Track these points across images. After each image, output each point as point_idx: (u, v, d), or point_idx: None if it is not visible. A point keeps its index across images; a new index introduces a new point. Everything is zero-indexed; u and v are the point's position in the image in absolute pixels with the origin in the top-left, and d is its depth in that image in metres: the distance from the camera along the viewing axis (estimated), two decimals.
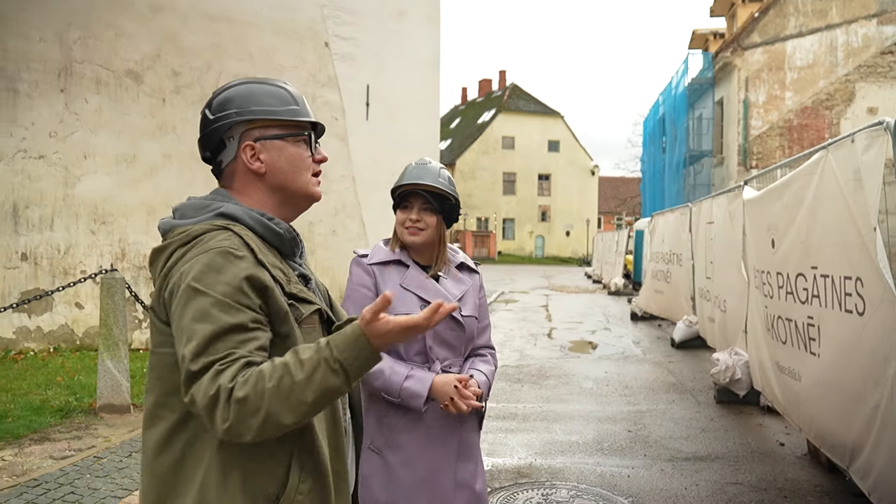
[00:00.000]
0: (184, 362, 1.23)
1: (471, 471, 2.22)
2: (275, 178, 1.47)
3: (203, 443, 1.32)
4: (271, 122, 1.46)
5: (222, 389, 1.19)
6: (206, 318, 1.25)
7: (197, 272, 1.29)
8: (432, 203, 2.21)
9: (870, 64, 18.69)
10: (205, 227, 1.39)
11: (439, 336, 2.19)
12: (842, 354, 3.67)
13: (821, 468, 4.60)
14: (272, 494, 1.32)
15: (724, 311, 7.37)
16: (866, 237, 3.30)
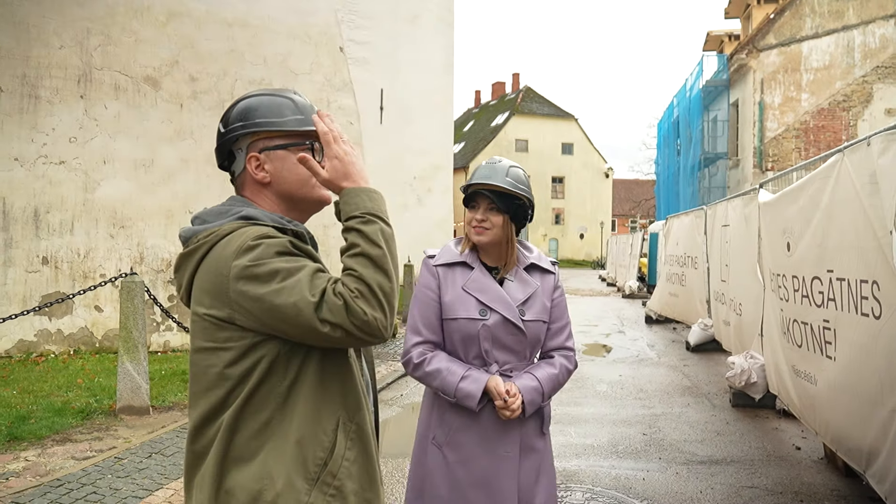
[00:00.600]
0: (301, 304, 1.30)
1: (534, 477, 2.19)
2: (279, 186, 1.54)
3: (264, 419, 1.38)
4: (274, 133, 1.52)
5: (346, 294, 1.31)
6: (291, 272, 1.34)
7: (254, 257, 1.35)
8: (497, 203, 2.22)
9: (887, 65, 18.50)
10: (232, 226, 1.45)
11: (498, 340, 2.18)
12: (858, 358, 3.66)
13: (837, 472, 4.58)
14: (321, 459, 1.39)
15: (739, 315, 7.35)
16: (882, 241, 3.29)
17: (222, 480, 1.39)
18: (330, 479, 1.39)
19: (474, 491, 2.13)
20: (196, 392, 1.46)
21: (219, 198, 6.87)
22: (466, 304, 2.19)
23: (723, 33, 25.28)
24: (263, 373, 1.39)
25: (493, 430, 2.15)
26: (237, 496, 1.37)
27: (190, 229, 1.53)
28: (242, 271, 1.35)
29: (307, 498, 1.36)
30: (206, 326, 1.42)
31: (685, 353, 9.76)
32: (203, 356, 1.44)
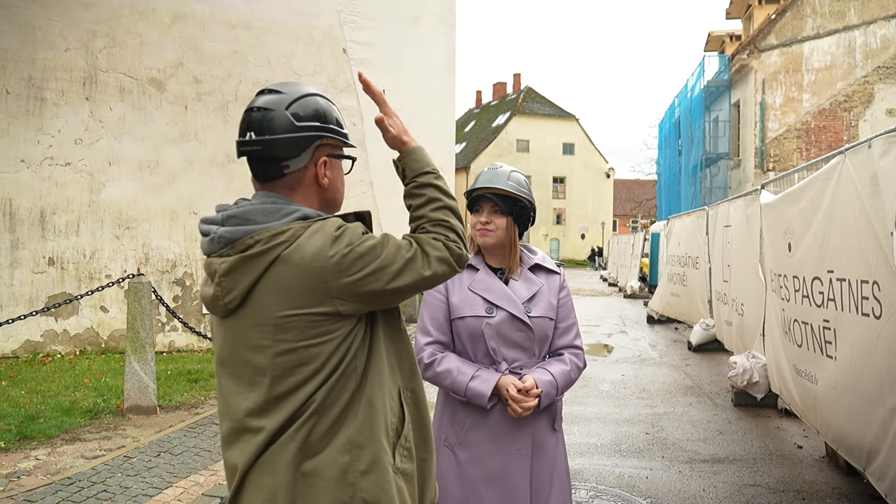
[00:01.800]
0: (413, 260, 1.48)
1: (547, 475, 2.23)
2: (331, 192, 1.58)
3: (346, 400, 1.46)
4: (339, 142, 1.58)
5: (441, 240, 1.53)
6: (384, 243, 1.46)
7: (347, 242, 1.42)
8: (500, 205, 2.28)
9: (889, 65, 18.53)
10: (300, 225, 1.44)
11: (506, 338, 2.23)
12: (858, 357, 3.70)
13: (839, 471, 4.63)
14: (394, 425, 1.53)
15: (741, 315, 7.39)
16: (883, 242, 3.34)
17: (300, 465, 1.42)
18: (404, 442, 1.52)
19: (486, 488, 2.17)
20: (277, 396, 1.43)
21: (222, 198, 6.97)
22: (473, 304, 2.24)
23: (724, 34, 25.31)
24: (352, 357, 1.46)
25: (504, 428, 2.19)
26: (323, 474, 1.42)
27: (237, 230, 1.45)
28: (343, 259, 1.39)
29: (392, 460, 1.48)
30: (301, 326, 1.41)
31: (687, 352, 9.80)
32: (292, 357, 1.42)
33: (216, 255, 1.49)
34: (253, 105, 1.52)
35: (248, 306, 1.45)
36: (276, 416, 1.43)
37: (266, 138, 1.49)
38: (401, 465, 1.50)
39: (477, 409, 2.19)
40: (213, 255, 1.50)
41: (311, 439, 1.42)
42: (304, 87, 1.56)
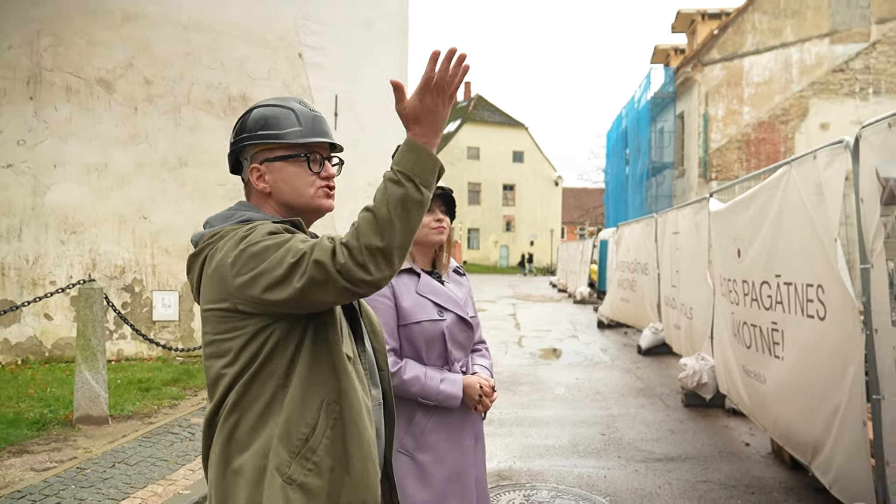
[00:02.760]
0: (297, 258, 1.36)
1: (482, 458, 2.40)
2: (279, 196, 1.63)
3: (266, 399, 1.49)
4: (275, 145, 1.61)
5: (335, 242, 1.36)
6: (284, 242, 1.42)
7: (248, 241, 1.44)
8: (447, 205, 2.39)
9: (822, 81, 19.44)
10: (232, 228, 1.56)
11: (456, 339, 2.32)
12: (804, 357, 3.90)
13: (784, 466, 4.84)
14: (303, 434, 1.48)
15: (690, 318, 7.65)
16: (828, 247, 3.54)
17: (229, 461, 1.49)
18: (309, 454, 1.47)
19: (450, 485, 2.24)
20: (209, 384, 1.57)
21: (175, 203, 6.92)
22: (425, 308, 2.29)
23: (669, 47, 26.10)
24: (266, 356, 1.48)
25: (456, 426, 2.30)
26: (245, 473, 1.47)
27: (199, 233, 1.62)
28: (238, 257, 1.43)
29: (288, 469, 1.45)
30: (213, 320, 1.52)
31: (637, 356, 10.06)
32: (212, 349, 1.54)
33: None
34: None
35: (200, 300, 1.60)
36: (210, 403, 1.55)
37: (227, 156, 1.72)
38: (298, 478, 1.44)
39: (437, 411, 2.25)
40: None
41: (236, 435, 1.49)
42: (262, 102, 1.68)
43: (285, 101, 1.65)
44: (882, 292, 2.95)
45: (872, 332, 3.09)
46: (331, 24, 13.71)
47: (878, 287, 3.01)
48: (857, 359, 3.29)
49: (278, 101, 1.66)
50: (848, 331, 3.37)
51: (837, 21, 19.40)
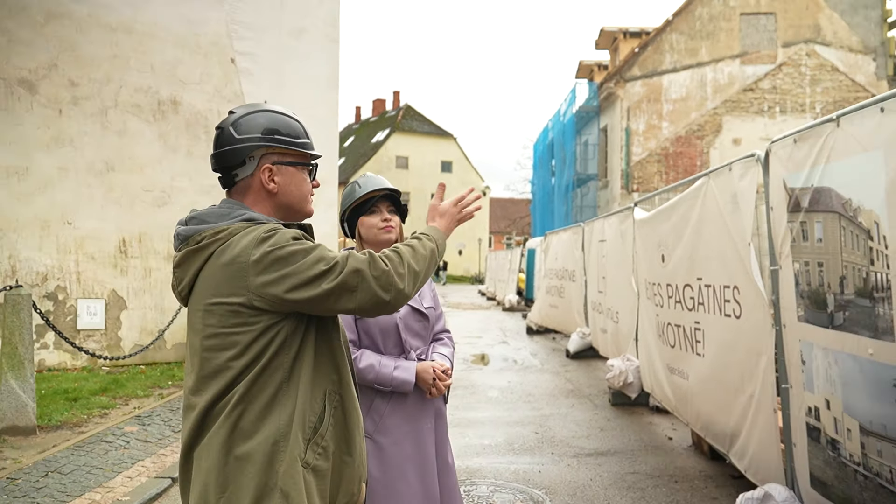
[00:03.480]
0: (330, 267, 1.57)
1: (443, 437, 2.54)
2: (284, 197, 1.74)
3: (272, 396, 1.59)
4: (288, 151, 1.73)
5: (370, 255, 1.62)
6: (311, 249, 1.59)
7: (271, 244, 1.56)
8: (395, 205, 2.54)
9: (734, 99, 20.64)
10: (241, 225, 1.63)
11: (411, 328, 2.48)
12: (723, 353, 4.23)
13: (703, 457, 5.19)
14: (312, 423, 1.65)
15: (616, 322, 8.02)
16: (742, 251, 3.87)
17: (232, 449, 1.57)
18: (319, 440, 1.64)
19: (407, 465, 2.40)
20: (205, 376, 1.62)
21: (101, 209, 6.85)
22: None
23: (593, 63, 27.06)
24: (274, 351, 1.60)
25: (415, 410, 2.46)
26: (253, 460, 1.56)
27: (191, 228, 1.67)
28: (263, 257, 1.54)
29: (304, 455, 1.61)
30: (221, 313, 1.59)
31: (566, 359, 10.42)
32: (215, 341, 1.60)
33: (176, 251, 1.72)
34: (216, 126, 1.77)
35: (194, 294, 1.66)
36: (205, 394, 1.61)
37: (216, 151, 1.74)
38: (312, 461, 1.61)
39: (393, 396, 2.41)
40: (175, 250, 1.72)
41: (241, 425, 1.58)
42: (261, 106, 1.78)
43: (287, 111, 1.77)
44: (789, 291, 3.28)
45: (781, 327, 3.42)
46: (261, 29, 13.62)
47: (785, 286, 3.33)
48: (768, 352, 3.62)
49: (280, 109, 1.77)
50: (760, 327, 3.70)
51: (747, 43, 20.65)
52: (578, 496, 4.44)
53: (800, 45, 20.48)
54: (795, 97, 20.54)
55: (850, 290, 2.73)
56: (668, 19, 21.12)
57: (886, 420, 2.52)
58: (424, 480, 2.43)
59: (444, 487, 2.50)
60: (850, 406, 2.77)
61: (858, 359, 2.69)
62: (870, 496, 2.67)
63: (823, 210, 2.92)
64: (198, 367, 1.63)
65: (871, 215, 2.57)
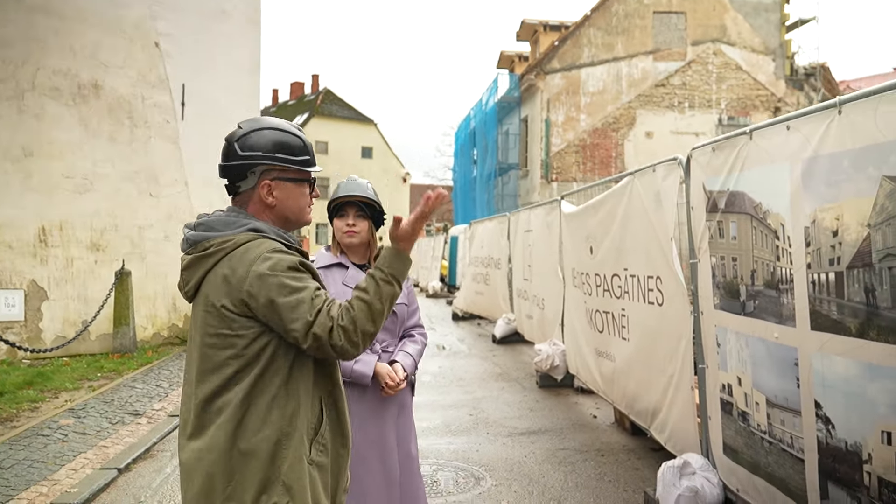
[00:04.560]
0: (299, 320, 1.70)
1: (406, 427, 2.75)
2: (282, 211, 1.92)
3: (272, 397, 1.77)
4: (287, 168, 1.90)
5: (334, 322, 1.72)
6: (297, 290, 1.74)
7: (269, 265, 1.74)
8: (364, 210, 2.72)
9: (647, 94, 21.64)
10: (247, 237, 1.81)
11: None
12: (647, 337, 4.66)
13: (625, 432, 5.65)
14: (313, 424, 1.84)
15: (542, 309, 8.45)
16: (664, 245, 4.28)
17: (236, 443, 1.75)
18: (320, 439, 1.85)
19: (368, 450, 2.63)
20: (205, 370, 1.79)
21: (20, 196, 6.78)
22: (348, 295, 2.65)
23: (514, 54, 27.64)
24: (270, 355, 1.78)
25: (378, 398, 2.67)
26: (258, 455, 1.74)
27: (199, 234, 1.84)
28: (259, 277, 1.73)
29: (308, 453, 1.81)
30: (223, 316, 1.76)
31: (492, 345, 10.82)
32: (216, 340, 1.77)
33: (185, 253, 1.88)
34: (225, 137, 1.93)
35: (199, 296, 1.84)
36: (204, 386, 1.79)
37: (222, 164, 1.91)
38: (315, 458, 1.81)
39: (357, 386, 2.62)
40: (184, 252, 1.89)
41: (246, 422, 1.75)
42: (266, 122, 1.93)
43: (291, 129, 1.92)
44: (707, 282, 3.69)
45: (699, 313, 3.84)
46: (182, 11, 13.25)
47: (703, 278, 3.75)
48: (687, 336, 4.04)
49: (285, 126, 1.92)
50: (680, 313, 4.12)
51: (659, 40, 21.66)
52: (515, 472, 4.78)
53: (707, 43, 21.66)
54: (703, 93, 21.73)
55: (760, 282, 3.15)
56: (587, 14, 21.86)
57: (788, 394, 2.94)
58: (385, 466, 2.65)
59: (405, 475, 2.72)
60: (759, 383, 3.19)
61: (766, 342, 3.10)
62: (773, 459, 3.10)
63: (738, 211, 3.32)
64: (198, 361, 1.80)
65: (778, 218, 2.98)
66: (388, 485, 2.64)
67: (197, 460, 1.77)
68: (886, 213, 2.36)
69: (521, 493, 4.38)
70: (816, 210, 2.72)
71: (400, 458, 2.71)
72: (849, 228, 2.55)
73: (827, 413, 2.72)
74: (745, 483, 3.40)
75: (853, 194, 2.52)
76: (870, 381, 2.48)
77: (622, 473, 4.71)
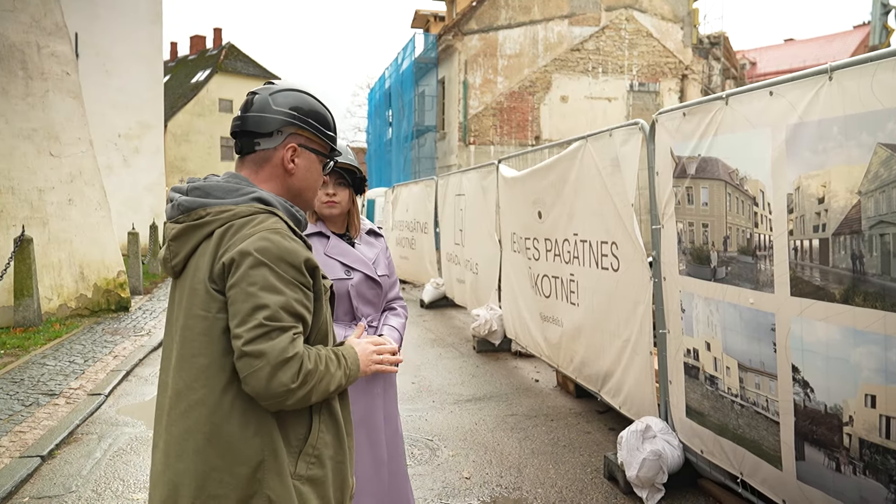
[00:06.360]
0: (252, 321, 1.43)
1: (392, 404, 2.60)
2: (298, 181, 1.70)
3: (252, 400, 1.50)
4: (315, 138, 1.70)
5: (296, 357, 1.46)
6: (275, 290, 1.47)
7: (261, 247, 1.48)
8: (345, 177, 2.49)
9: (563, 58, 21.81)
10: (250, 208, 1.57)
11: (363, 296, 2.49)
12: (600, 303, 4.66)
13: (570, 395, 5.72)
14: (302, 435, 1.59)
15: (476, 273, 8.40)
16: (622, 211, 4.26)
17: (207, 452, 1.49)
18: (310, 451, 1.58)
19: (357, 429, 2.45)
20: (184, 355, 1.54)
21: None
22: (332, 268, 2.47)
23: (429, 13, 27.11)
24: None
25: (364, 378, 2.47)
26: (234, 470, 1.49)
27: (194, 201, 1.59)
28: (241, 254, 1.48)
29: (293, 468, 1.55)
30: (204, 296, 1.52)
31: (421, 309, 10.73)
32: (196, 322, 1.53)
33: (172, 221, 1.62)
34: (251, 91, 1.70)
35: (186, 270, 1.60)
36: (177, 378, 1.55)
37: (244, 114, 1.67)
38: (306, 473, 1.55)
39: None
40: (171, 220, 1.63)
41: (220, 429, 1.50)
42: (301, 87, 1.74)
43: (324, 103, 1.75)
44: (671, 248, 3.69)
45: (661, 279, 3.84)
46: None
47: (667, 244, 3.74)
48: (645, 301, 4.06)
49: (319, 98, 1.74)
50: (638, 279, 4.13)
51: (575, 5, 21.80)
52: (469, 441, 4.72)
53: (620, 10, 22.00)
54: (616, 59, 22.14)
55: (734, 249, 3.15)
56: None
57: (764, 358, 2.99)
58: (372, 444, 2.49)
59: (391, 454, 2.58)
60: (730, 347, 3.22)
61: (738, 307, 3.13)
62: (745, 421, 3.16)
63: (710, 177, 3.31)
64: (178, 345, 1.56)
65: (757, 184, 2.97)
66: (377, 465, 2.49)
67: (165, 466, 1.54)
68: (880, 180, 2.37)
69: (480, 462, 4.33)
70: (801, 177, 2.72)
71: (387, 435, 2.56)
72: (836, 195, 2.56)
73: (805, 377, 2.76)
74: (711, 444, 3.46)
75: (843, 161, 2.52)
76: (854, 346, 2.52)
77: (575, 438, 4.74)
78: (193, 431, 1.51)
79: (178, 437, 1.53)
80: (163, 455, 1.56)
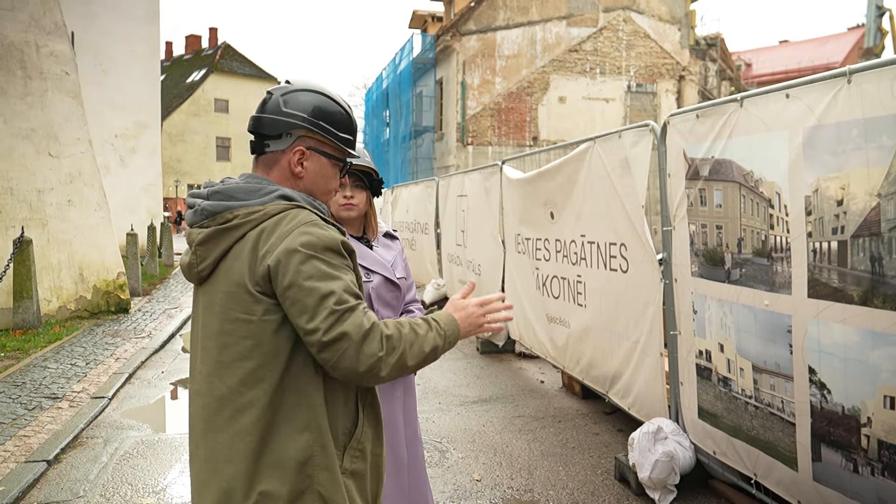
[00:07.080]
0: (323, 311, 1.43)
1: (411, 407, 2.58)
2: (307, 184, 1.68)
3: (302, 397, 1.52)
4: (328, 141, 1.67)
5: (375, 326, 1.47)
6: (332, 277, 1.48)
7: (305, 242, 1.48)
8: (363, 180, 2.48)
9: (561, 59, 21.83)
10: (279, 206, 1.56)
11: (382, 299, 2.46)
12: (610, 303, 4.65)
13: (576, 397, 5.71)
14: (348, 429, 1.61)
15: (478, 275, 8.38)
16: (632, 212, 4.25)
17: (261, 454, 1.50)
18: (356, 444, 1.61)
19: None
20: (222, 363, 1.54)
21: None
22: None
23: (427, 13, 27.08)
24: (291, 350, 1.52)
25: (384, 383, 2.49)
26: (285, 466, 1.50)
27: (218, 204, 1.57)
28: (289, 253, 1.47)
29: (340, 462, 1.56)
30: (244, 299, 1.51)
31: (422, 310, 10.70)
32: (237, 326, 1.52)
33: (197, 226, 1.61)
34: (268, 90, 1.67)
35: (216, 275, 1.58)
36: (221, 382, 1.54)
37: (257, 115, 1.67)
38: (350, 467, 1.58)
39: None
40: (194, 225, 1.62)
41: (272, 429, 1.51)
42: (319, 87, 1.69)
43: (342, 102, 1.70)
44: (683, 249, 3.69)
45: (672, 281, 3.84)
46: None
47: (678, 245, 3.74)
48: (655, 302, 4.06)
49: (337, 97, 1.69)
50: (648, 280, 4.12)
51: (573, 6, 21.82)
52: (478, 443, 4.72)
53: (618, 11, 22.03)
54: (613, 60, 22.17)
55: (749, 251, 3.15)
56: None
57: (780, 360, 2.99)
58: (394, 449, 2.48)
59: (411, 458, 2.56)
60: (744, 349, 3.22)
61: (753, 309, 3.13)
62: (759, 423, 3.16)
63: (724, 179, 3.31)
64: (215, 352, 1.55)
65: (773, 186, 2.97)
66: (397, 469, 2.47)
67: (213, 472, 1.53)
68: None
69: (490, 464, 4.32)
70: (819, 179, 2.72)
71: (407, 438, 2.54)
72: (855, 198, 2.56)
73: (822, 378, 2.77)
74: (724, 446, 3.46)
75: (862, 163, 2.52)
76: (872, 348, 2.52)
77: (583, 439, 4.74)
78: (243, 434, 1.51)
79: (227, 443, 1.52)
80: (206, 463, 1.55)
